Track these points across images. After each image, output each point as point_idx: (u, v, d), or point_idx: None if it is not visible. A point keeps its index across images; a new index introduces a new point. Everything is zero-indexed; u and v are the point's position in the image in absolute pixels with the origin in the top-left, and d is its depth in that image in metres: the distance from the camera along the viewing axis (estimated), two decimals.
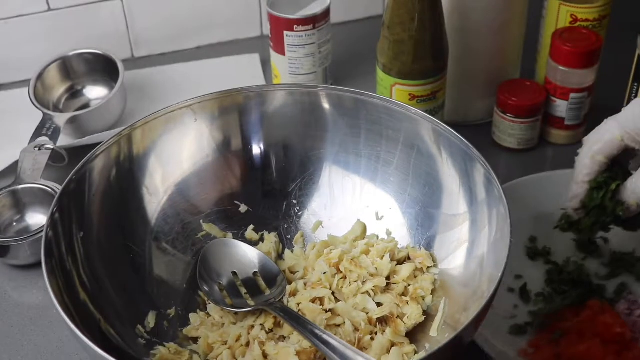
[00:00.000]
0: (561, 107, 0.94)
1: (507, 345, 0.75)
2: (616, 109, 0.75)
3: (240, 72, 1.11)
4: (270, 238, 0.83)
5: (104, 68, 1.04)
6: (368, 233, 0.82)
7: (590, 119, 0.95)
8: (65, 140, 0.98)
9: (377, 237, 0.81)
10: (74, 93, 1.06)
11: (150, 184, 0.80)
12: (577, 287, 0.79)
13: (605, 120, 0.75)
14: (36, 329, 0.80)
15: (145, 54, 1.15)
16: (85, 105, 1.05)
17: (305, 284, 0.77)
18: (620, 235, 0.81)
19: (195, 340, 0.75)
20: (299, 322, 0.70)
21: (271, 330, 0.74)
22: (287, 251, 0.82)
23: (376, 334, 0.72)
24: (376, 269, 0.77)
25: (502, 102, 0.94)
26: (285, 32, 0.97)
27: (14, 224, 0.89)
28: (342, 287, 0.76)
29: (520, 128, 0.94)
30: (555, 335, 0.75)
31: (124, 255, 0.77)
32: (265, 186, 0.84)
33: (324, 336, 0.68)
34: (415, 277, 0.77)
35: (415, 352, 0.71)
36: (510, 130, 0.95)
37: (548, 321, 0.77)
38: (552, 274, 0.82)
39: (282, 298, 0.76)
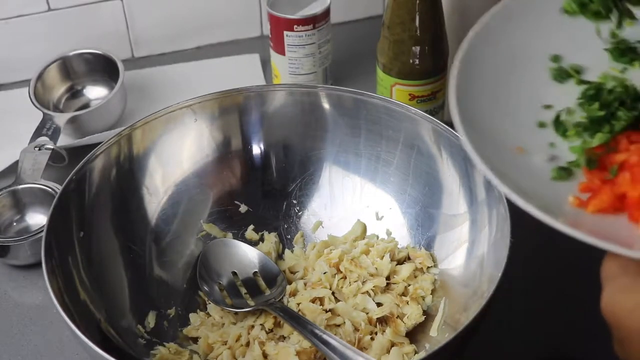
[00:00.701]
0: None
1: (554, 195, 0.58)
2: None
3: (240, 72, 1.11)
4: (270, 238, 0.83)
5: (104, 68, 1.04)
6: (368, 233, 0.82)
7: None
8: (65, 140, 0.98)
9: (377, 237, 0.81)
10: (74, 93, 1.06)
11: (150, 184, 0.80)
12: (623, 105, 0.63)
13: None
14: (36, 329, 0.80)
15: (145, 54, 1.15)
16: (85, 105, 1.05)
17: (305, 284, 0.77)
18: None
19: (195, 340, 0.75)
20: (299, 322, 0.70)
21: (271, 330, 0.74)
22: (287, 251, 0.82)
23: (376, 334, 0.72)
24: (376, 269, 0.77)
25: None
26: (285, 32, 0.97)
27: (14, 224, 0.89)
28: (342, 287, 0.76)
29: None
30: (611, 172, 0.58)
31: (124, 255, 0.77)
32: (265, 186, 0.84)
33: (324, 336, 0.68)
34: (415, 277, 0.77)
35: (415, 352, 0.71)
36: None
37: (596, 156, 0.60)
38: (589, 96, 0.65)
39: (282, 298, 0.76)
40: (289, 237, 0.84)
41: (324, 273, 0.76)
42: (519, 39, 0.68)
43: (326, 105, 0.82)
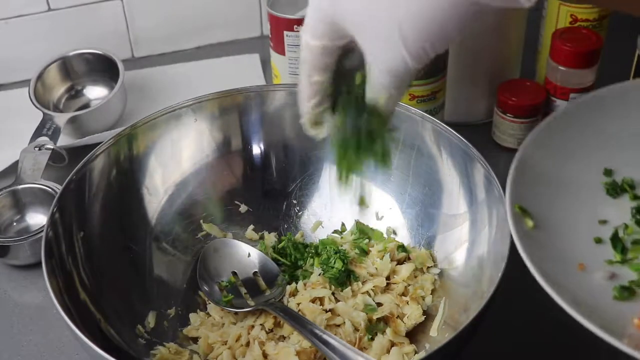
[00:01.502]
0: (561, 107, 0.94)
1: (617, 314, 0.58)
2: None
3: (240, 72, 1.11)
4: (270, 238, 0.83)
5: (104, 68, 1.04)
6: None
7: None
8: (65, 140, 0.98)
9: (377, 236, 0.81)
10: (74, 93, 1.06)
11: (150, 184, 0.80)
12: None
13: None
14: (36, 329, 0.80)
15: (145, 54, 1.15)
16: (85, 105, 1.05)
17: (305, 284, 0.77)
18: None
19: (195, 340, 0.75)
20: (299, 322, 0.70)
21: (271, 330, 0.74)
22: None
23: (376, 334, 0.72)
24: (376, 269, 0.77)
25: (502, 102, 0.94)
26: (285, 32, 0.97)
27: (14, 224, 0.89)
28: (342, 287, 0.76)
29: (520, 128, 0.94)
30: None
31: (124, 255, 0.77)
32: (265, 186, 0.84)
33: (324, 336, 0.68)
34: (415, 277, 0.77)
35: (415, 352, 0.71)
36: (510, 130, 0.95)
37: None
38: None
39: (282, 298, 0.76)
40: None
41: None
42: (572, 152, 0.69)
43: None
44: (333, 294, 0.75)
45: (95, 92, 1.06)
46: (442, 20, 0.50)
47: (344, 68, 0.59)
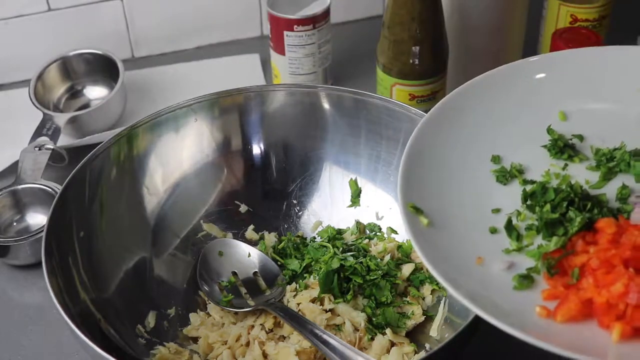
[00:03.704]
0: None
1: (520, 305, 0.57)
2: None
3: (240, 72, 1.11)
4: (270, 238, 0.83)
5: (104, 68, 1.04)
6: (368, 233, 0.82)
7: None
8: (65, 140, 0.98)
9: (377, 237, 0.81)
10: (74, 93, 1.06)
11: (150, 184, 0.80)
12: (572, 205, 0.62)
13: None
14: (36, 329, 0.80)
15: (145, 54, 1.15)
16: (85, 105, 1.05)
17: (305, 284, 0.77)
18: (598, 127, 0.68)
19: (195, 340, 0.75)
20: (299, 322, 0.70)
21: (271, 330, 0.74)
22: None
23: (376, 334, 0.72)
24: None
25: None
26: (285, 32, 0.97)
27: (14, 224, 0.89)
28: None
29: None
30: (573, 276, 0.58)
31: (124, 256, 0.77)
32: (265, 186, 0.84)
33: (324, 336, 0.68)
34: (415, 277, 0.77)
35: (415, 352, 0.71)
36: None
37: (554, 260, 0.59)
38: (535, 197, 0.64)
39: (282, 298, 0.76)
40: None
41: None
42: (459, 141, 0.68)
43: (326, 105, 0.82)
44: (333, 294, 0.75)
45: (95, 92, 1.06)
46: None
47: None
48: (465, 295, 0.55)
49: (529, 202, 0.64)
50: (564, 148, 0.68)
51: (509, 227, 0.62)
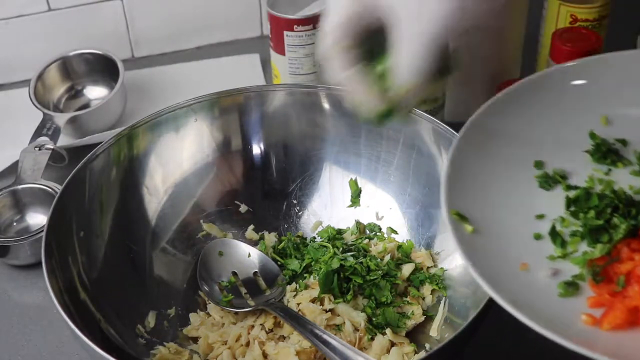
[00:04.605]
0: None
1: (565, 313, 0.57)
2: None
3: (240, 72, 1.11)
4: (270, 238, 0.83)
5: (104, 68, 1.04)
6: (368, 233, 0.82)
7: None
8: (65, 140, 0.98)
9: (377, 236, 0.81)
10: (74, 93, 1.06)
11: (150, 184, 0.80)
12: (617, 212, 0.62)
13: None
14: (36, 329, 0.80)
15: (145, 54, 1.15)
16: (85, 105, 1.05)
17: (305, 284, 0.77)
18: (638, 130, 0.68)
19: (195, 340, 0.75)
20: (299, 322, 0.70)
21: (271, 330, 0.74)
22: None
23: (376, 334, 0.72)
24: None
25: None
26: (285, 32, 0.97)
27: (14, 224, 0.89)
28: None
29: None
30: (619, 284, 0.57)
31: (124, 255, 0.77)
32: (265, 186, 0.84)
33: (324, 336, 0.68)
34: (416, 276, 0.77)
35: (415, 352, 0.71)
36: None
37: (599, 267, 0.59)
38: (579, 203, 0.64)
39: (282, 298, 0.76)
40: None
41: None
42: (503, 146, 0.68)
43: (326, 105, 0.82)
44: (333, 294, 0.75)
45: (95, 92, 1.06)
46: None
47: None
48: (509, 302, 0.55)
49: (572, 208, 0.64)
50: (607, 153, 0.67)
51: (554, 233, 0.62)
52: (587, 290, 0.58)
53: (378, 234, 0.81)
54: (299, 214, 0.84)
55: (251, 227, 0.83)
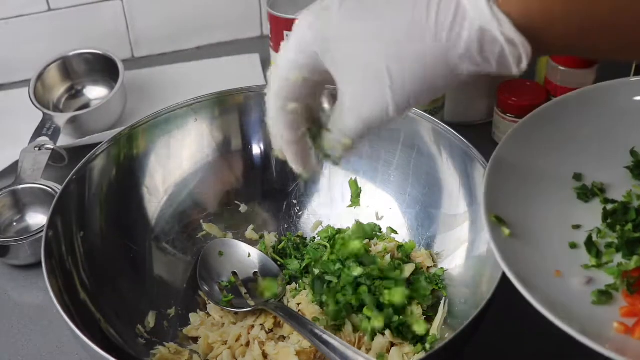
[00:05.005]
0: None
1: (598, 319, 0.59)
2: None
3: (240, 72, 1.11)
4: (270, 238, 0.83)
5: (104, 68, 1.04)
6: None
7: None
8: (65, 140, 0.98)
9: (377, 236, 0.81)
10: (74, 93, 1.06)
11: (150, 184, 0.80)
12: None
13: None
14: (36, 329, 0.80)
15: (145, 54, 1.15)
16: (85, 105, 1.05)
17: (305, 284, 0.77)
18: None
19: (195, 340, 0.75)
20: (299, 322, 0.70)
21: (271, 330, 0.74)
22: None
23: (376, 334, 0.72)
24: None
25: (502, 102, 0.94)
26: (285, 32, 0.97)
27: (14, 224, 0.89)
28: None
29: None
30: None
31: (124, 256, 0.77)
32: (265, 186, 0.84)
33: (324, 336, 0.68)
34: (416, 277, 0.77)
35: (415, 352, 0.71)
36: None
37: (633, 279, 0.61)
38: (616, 216, 0.66)
39: (282, 298, 0.76)
40: None
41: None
42: (545, 155, 0.70)
43: (326, 105, 0.82)
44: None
45: (95, 92, 1.06)
46: (434, 78, 0.49)
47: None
48: (543, 303, 0.56)
49: (609, 221, 0.66)
50: None
51: (589, 243, 0.64)
52: (620, 300, 0.60)
53: (378, 234, 0.81)
54: (299, 214, 0.84)
55: (251, 227, 0.83)
